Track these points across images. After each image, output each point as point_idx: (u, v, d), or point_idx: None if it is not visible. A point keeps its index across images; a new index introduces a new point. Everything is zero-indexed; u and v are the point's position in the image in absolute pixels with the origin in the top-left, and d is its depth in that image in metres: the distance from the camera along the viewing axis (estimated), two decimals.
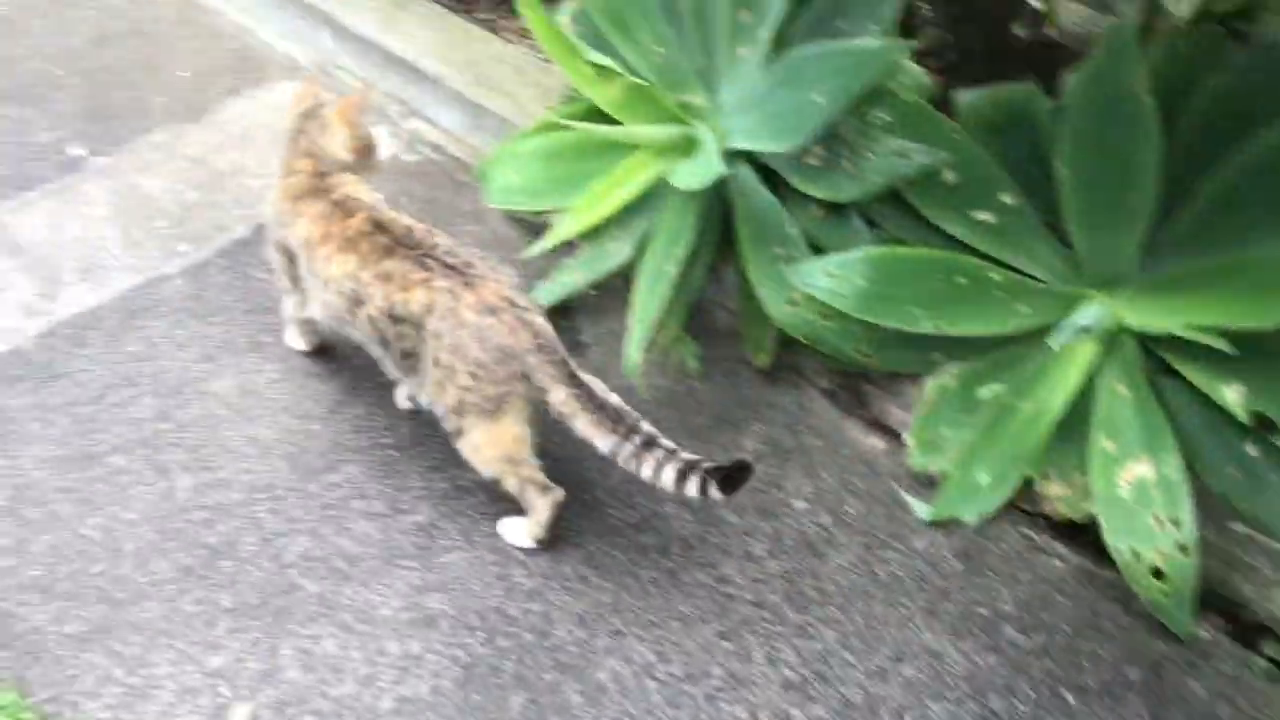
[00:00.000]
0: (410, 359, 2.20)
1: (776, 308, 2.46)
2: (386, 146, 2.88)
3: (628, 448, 2.04)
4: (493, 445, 2.17)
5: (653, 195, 2.58)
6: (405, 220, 2.24)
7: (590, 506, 2.45)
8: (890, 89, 2.31)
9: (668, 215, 2.50)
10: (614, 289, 2.85)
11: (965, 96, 2.34)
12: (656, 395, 2.63)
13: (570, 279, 2.76)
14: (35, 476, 2.47)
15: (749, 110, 2.47)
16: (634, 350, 2.38)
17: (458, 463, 2.32)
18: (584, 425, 2.06)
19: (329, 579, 2.32)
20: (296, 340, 2.70)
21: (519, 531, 2.32)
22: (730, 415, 2.61)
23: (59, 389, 2.65)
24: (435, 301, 2.09)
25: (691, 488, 2.02)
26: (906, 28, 2.61)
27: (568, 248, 2.79)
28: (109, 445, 2.53)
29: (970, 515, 2.35)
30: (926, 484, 2.49)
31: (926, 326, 2.26)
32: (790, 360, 2.69)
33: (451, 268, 2.12)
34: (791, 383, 2.68)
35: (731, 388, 2.67)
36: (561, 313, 2.82)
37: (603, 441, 2.06)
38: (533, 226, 2.99)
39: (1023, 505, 2.43)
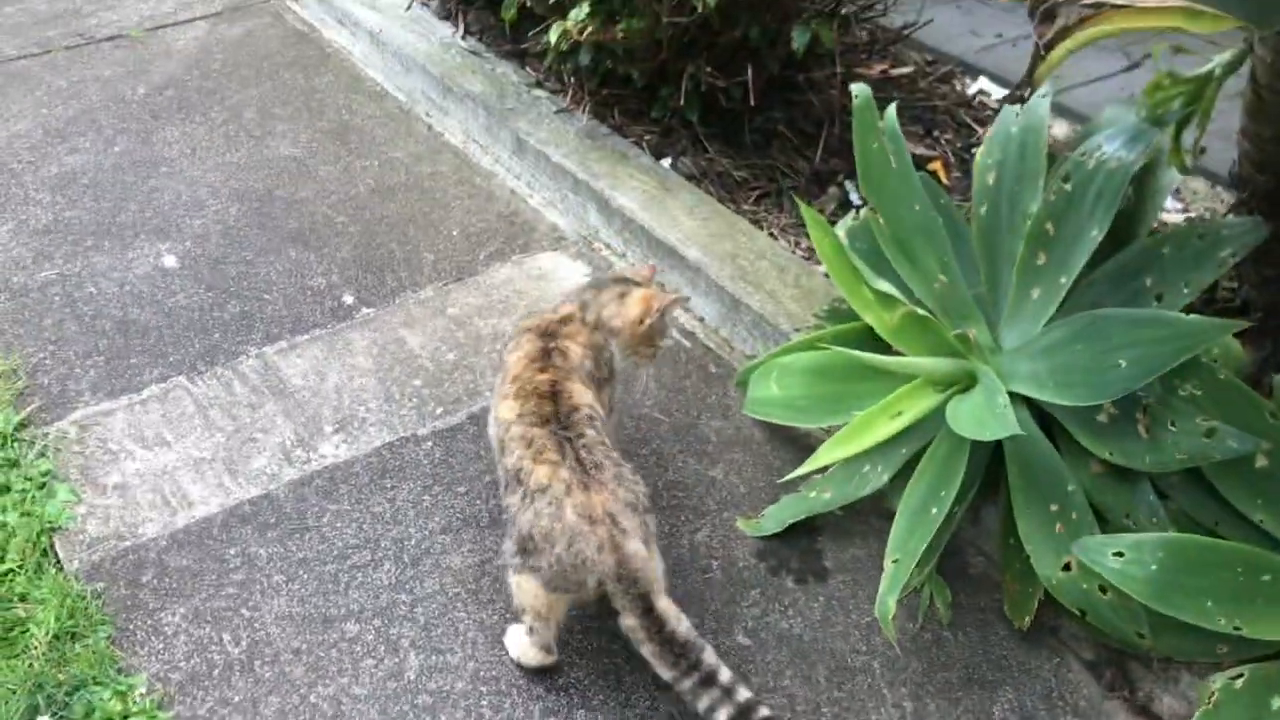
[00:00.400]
0: (507, 495, 2.27)
1: (1046, 569, 2.29)
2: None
3: (686, 683, 2.08)
4: (535, 600, 2.23)
5: (919, 426, 2.46)
6: (579, 398, 2.30)
7: None
8: (1201, 361, 2.14)
9: (938, 453, 2.39)
10: (861, 511, 2.73)
11: None
12: (902, 640, 2.47)
13: (818, 497, 2.66)
14: (273, 633, 2.49)
15: (1037, 357, 2.35)
16: (890, 595, 2.24)
17: None
18: (648, 652, 2.11)
19: None
20: None
21: (511, 639, 2.43)
22: (981, 675, 2.43)
23: (305, 542, 2.69)
24: (551, 486, 2.15)
25: None
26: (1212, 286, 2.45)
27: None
28: (346, 610, 2.54)
29: None
30: None
31: (1222, 624, 2.05)
32: (1050, 620, 2.49)
33: (581, 463, 2.18)
34: (1051, 647, 2.48)
35: (983, 643, 2.49)
36: (804, 530, 2.71)
37: (662, 671, 2.11)
38: (781, 431, 2.91)
39: None
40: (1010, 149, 2.51)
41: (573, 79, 4.05)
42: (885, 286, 2.43)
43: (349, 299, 3.48)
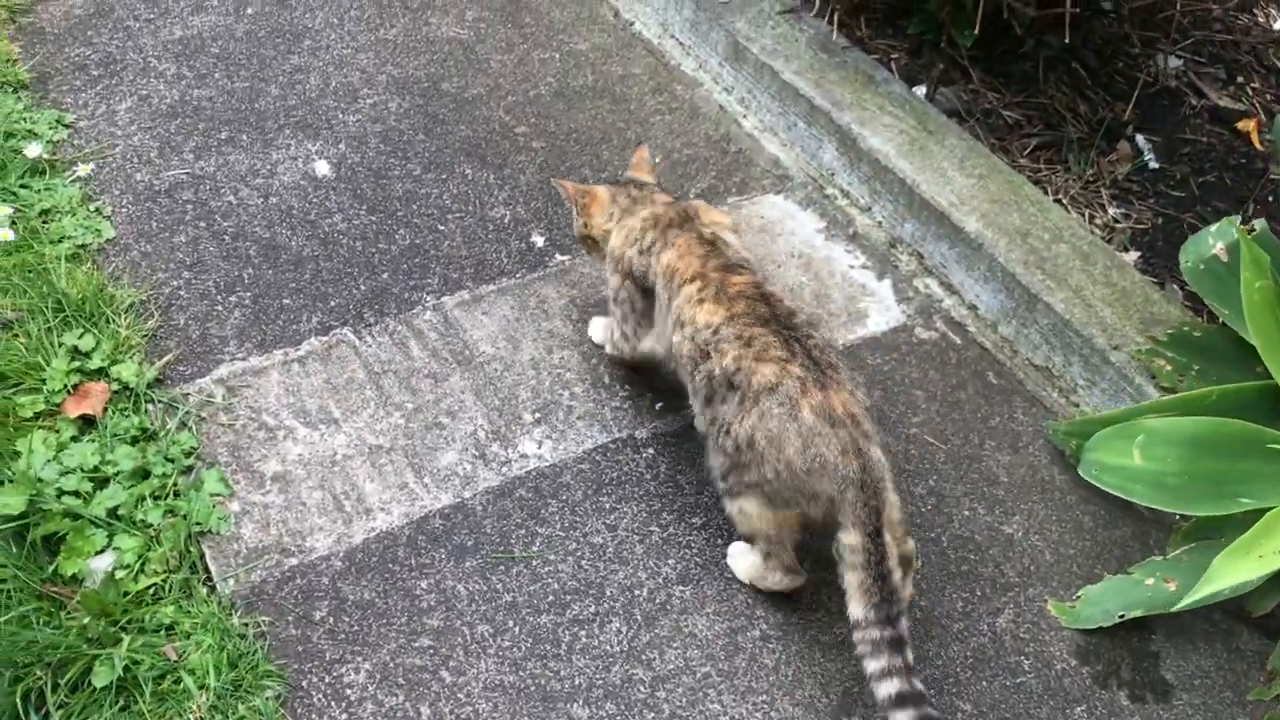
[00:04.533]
0: (712, 408, 2.03)
1: None
2: (882, 310, 2.55)
3: (874, 632, 1.81)
4: (762, 523, 2.01)
5: None
6: (790, 303, 2.10)
7: None
8: None
9: None
10: (1202, 612, 2.16)
11: None
12: None
13: (1158, 589, 2.09)
14: (482, 709, 1.97)
15: None
16: None
17: None
18: (854, 581, 1.84)
19: None
20: (599, 336, 2.59)
21: (742, 563, 2.19)
22: None
23: (513, 579, 2.15)
24: (781, 384, 1.91)
25: (901, 718, 1.77)
26: None
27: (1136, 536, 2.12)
28: (570, 684, 2.02)
29: None
30: None
31: None
32: None
33: (815, 362, 1.96)
34: None
35: None
36: (1132, 622, 2.14)
37: (856, 607, 1.84)
38: (1109, 497, 2.31)
39: None
40: None
41: None
42: None
43: (539, 240, 2.85)
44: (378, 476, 2.32)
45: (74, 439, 2.32)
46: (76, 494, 2.20)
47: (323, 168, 2.99)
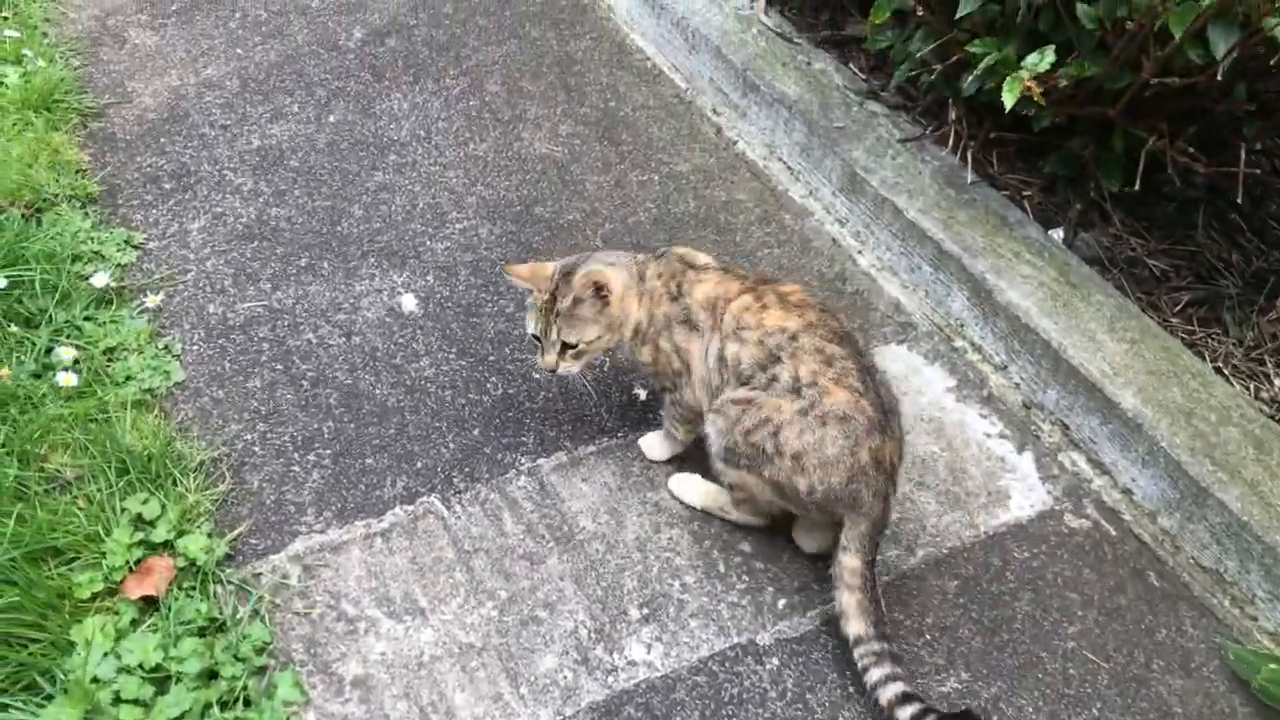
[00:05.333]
0: (772, 401, 2.08)
1: None
2: (1025, 490, 2.42)
3: (875, 645, 2.00)
4: (760, 495, 2.18)
5: None
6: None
7: None
8: None
9: None
10: None
11: None
12: None
13: None
14: None
15: None
16: None
17: None
18: (852, 602, 2.03)
19: None
20: (661, 449, 2.45)
21: (696, 488, 2.36)
22: None
23: None
24: (852, 419, 2.03)
25: (904, 715, 1.93)
26: None
27: None
28: None
29: None
30: None
31: None
32: None
33: (883, 403, 2.09)
34: None
35: None
36: None
37: (857, 625, 2.02)
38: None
39: None
40: None
41: (925, 93, 3.07)
42: None
43: (641, 393, 2.60)
44: (469, 684, 2.05)
45: (134, 622, 2.08)
46: (136, 702, 1.95)
47: (410, 302, 2.76)
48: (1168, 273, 2.84)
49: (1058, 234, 2.88)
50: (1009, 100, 2.27)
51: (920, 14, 2.76)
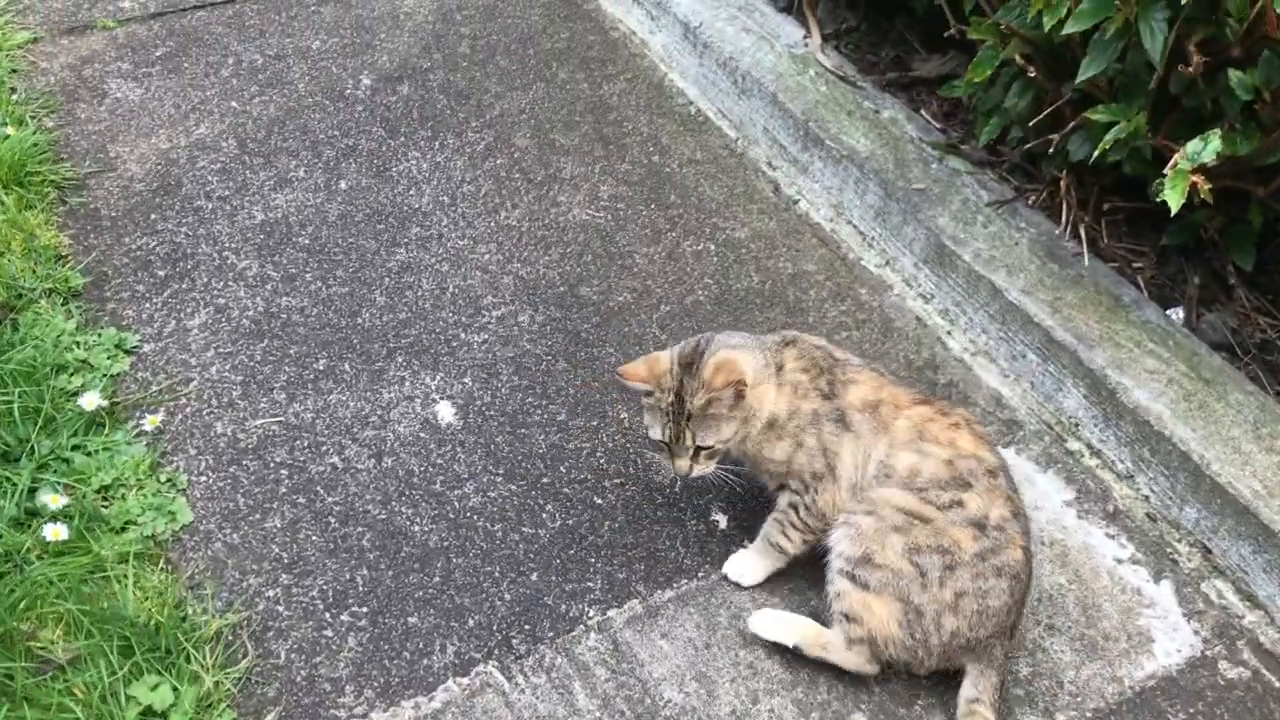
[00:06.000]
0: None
1: None
2: (1168, 630, 2.11)
3: None
4: (883, 628, 1.92)
5: None
6: None
7: None
8: None
9: None
10: None
11: None
12: None
13: None
14: None
15: None
16: None
17: None
18: None
19: None
20: (757, 569, 2.14)
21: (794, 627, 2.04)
22: None
23: None
24: (1020, 574, 1.92)
25: None
26: None
27: None
28: None
29: None
30: None
31: None
32: None
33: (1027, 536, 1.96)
34: None
35: None
36: None
37: None
38: None
39: None
40: None
41: (1014, 148, 2.72)
42: None
43: (721, 519, 2.26)
44: None
45: None
46: None
47: (446, 412, 2.40)
48: None
49: (1177, 314, 2.54)
50: (1174, 202, 1.91)
51: (1030, 75, 2.39)
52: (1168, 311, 2.54)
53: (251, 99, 3.18)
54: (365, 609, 2.08)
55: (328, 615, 2.06)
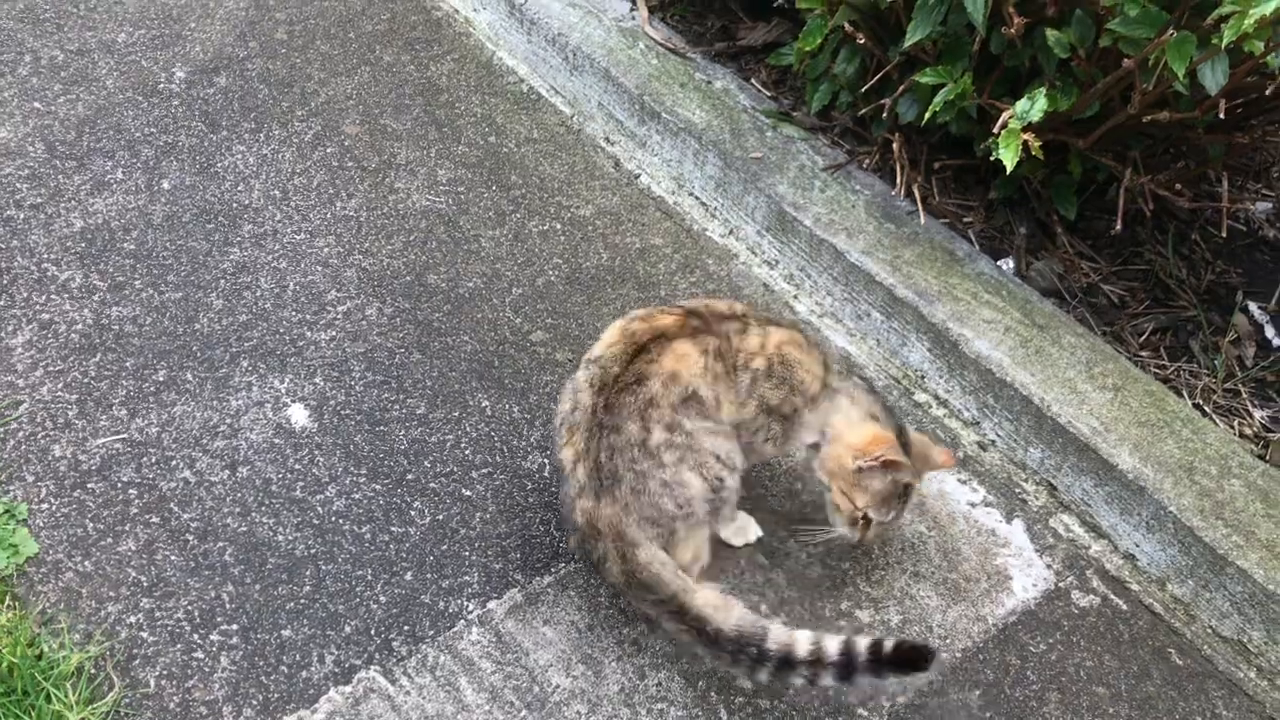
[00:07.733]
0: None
1: None
2: (1023, 566, 2.21)
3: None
4: None
5: None
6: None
7: None
8: None
9: None
10: None
11: None
12: None
13: None
14: None
15: None
16: None
17: None
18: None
19: None
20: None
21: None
22: None
23: None
24: None
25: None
26: None
27: None
28: None
29: None
30: None
31: None
32: None
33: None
34: None
35: None
36: None
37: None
38: None
39: None
40: None
41: (845, 112, 2.80)
42: None
43: None
44: None
45: None
46: None
47: (299, 415, 2.32)
48: (1124, 298, 2.65)
49: (1008, 264, 2.66)
50: (1009, 160, 1.99)
51: (859, 41, 2.46)
52: (999, 262, 2.66)
53: (56, 98, 2.99)
54: (235, 626, 2.01)
55: (196, 636, 1.98)
